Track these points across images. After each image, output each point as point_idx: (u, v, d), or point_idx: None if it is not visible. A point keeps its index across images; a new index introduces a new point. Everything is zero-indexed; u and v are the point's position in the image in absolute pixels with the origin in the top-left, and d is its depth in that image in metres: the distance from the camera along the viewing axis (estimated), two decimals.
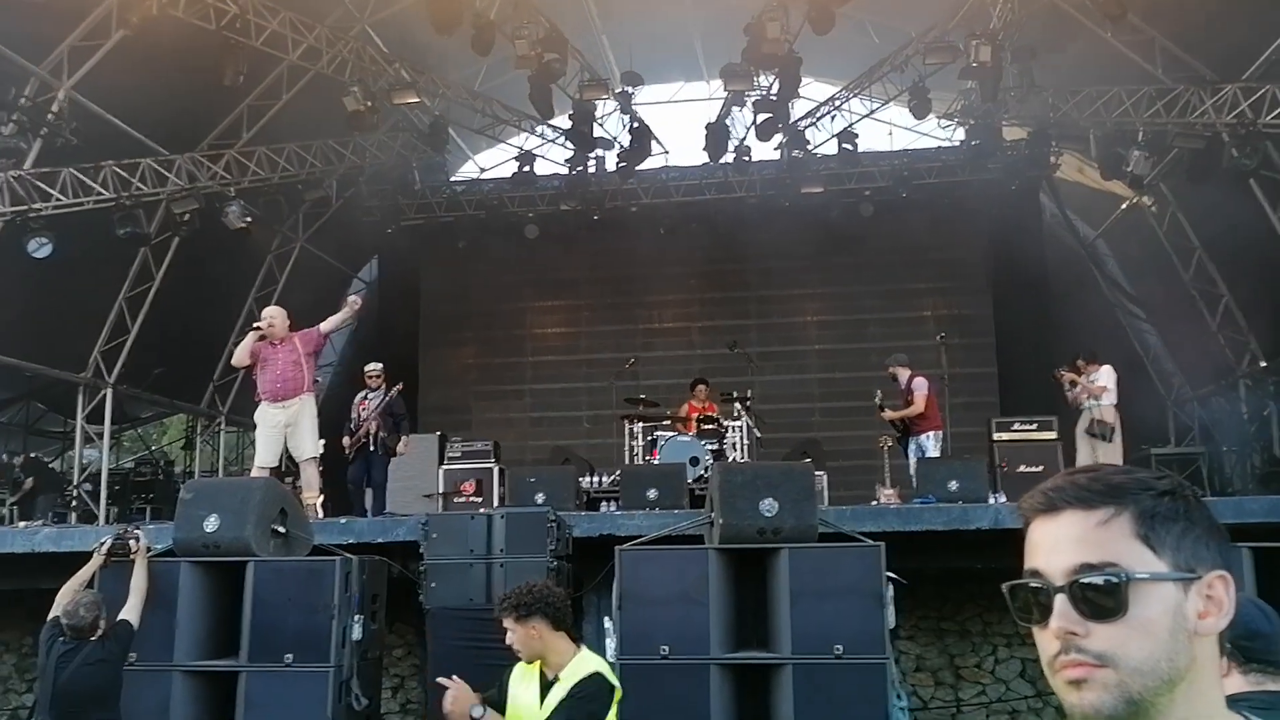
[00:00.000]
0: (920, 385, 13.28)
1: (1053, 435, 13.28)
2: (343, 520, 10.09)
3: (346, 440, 12.68)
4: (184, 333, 18.45)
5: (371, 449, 12.68)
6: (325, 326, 11.08)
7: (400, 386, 13.13)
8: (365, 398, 13.05)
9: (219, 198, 16.65)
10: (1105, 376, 13.11)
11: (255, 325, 10.81)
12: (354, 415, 12.93)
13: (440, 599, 7.70)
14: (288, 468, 12.19)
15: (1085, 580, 1.38)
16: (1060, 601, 1.39)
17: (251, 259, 19.80)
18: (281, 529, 7.46)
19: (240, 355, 10.81)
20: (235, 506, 7.26)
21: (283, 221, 19.50)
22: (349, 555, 7.31)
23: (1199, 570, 1.40)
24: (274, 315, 10.81)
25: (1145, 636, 1.36)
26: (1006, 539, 8.33)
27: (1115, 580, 1.37)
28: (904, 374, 13.56)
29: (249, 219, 16.83)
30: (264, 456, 10.67)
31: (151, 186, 15.88)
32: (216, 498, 7.38)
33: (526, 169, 19.89)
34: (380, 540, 9.17)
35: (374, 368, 13.24)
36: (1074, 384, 13.19)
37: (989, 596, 10.53)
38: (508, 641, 5.06)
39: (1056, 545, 1.42)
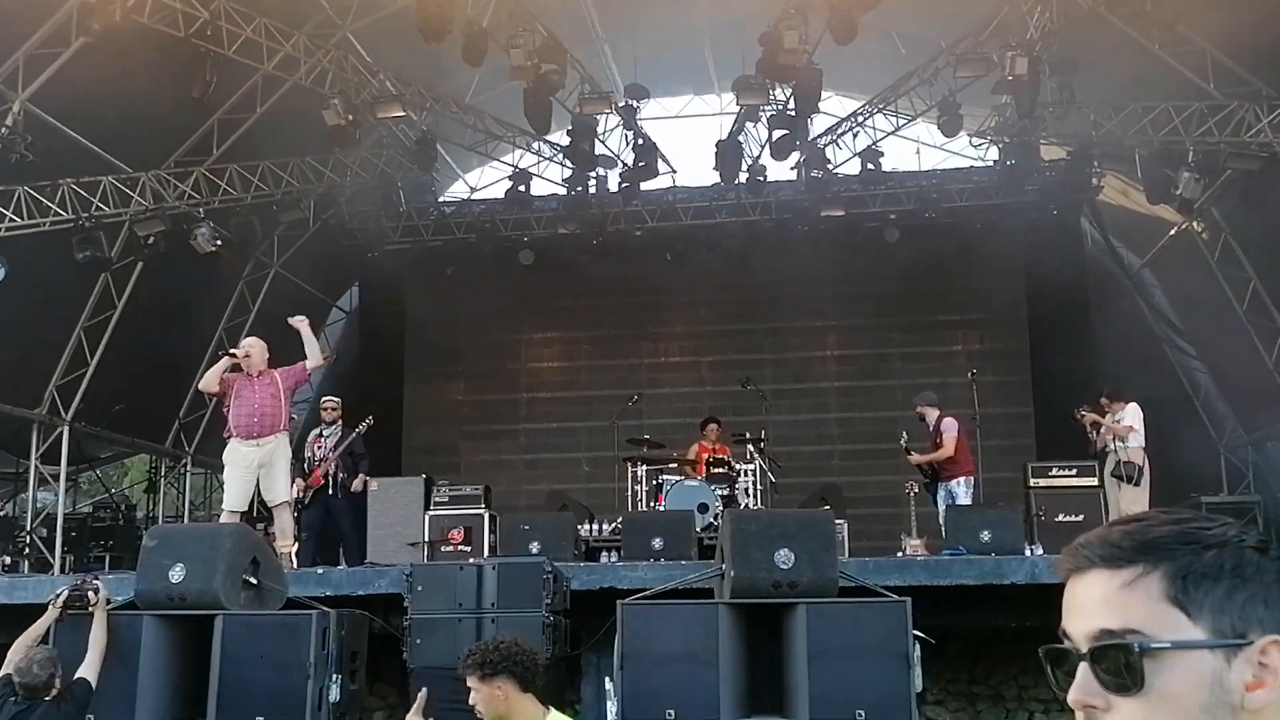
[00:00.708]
0: (949, 426, 13.30)
1: (1094, 481, 13.26)
2: (320, 570, 10.10)
3: (299, 483, 12.57)
4: (148, 366, 18.46)
5: (330, 493, 12.66)
6: (311, 363, 11.06)
7: (370, 422, 13.11)
8: (320, 434, 13.04)
9: (187, 219, 16.71)
10: (1131, 415, 13.07)
11: (230, 351, 10.82)
12: (308, 454, 12.90)
13: (426, 657, 7.70)
14: (259, 513, 12.18)
15: (1103, 648, 1.35)
16: (1082, 671, 1.36)
17: (222, 286, 19.82)
18: (253, 580, 7.48)
19: (209, 380, 10.79)
20: (203, 555, 7.29)
21: (256, 245, 19.56)
22: (326, 609, 7.33)
23: (1251, 635, 1.33)
24: (253, 346, 10.85)
25: (1172, 712, 1.31)
26: (1044, 595, 8.37)
27: (1131, 650, 1.32)
28: (932, 414, 13.59)
29: (219, 242, 16.88)
30: (234, 499, 10.66)
31: (114, 206, 15.96)
32: (182, 545, 7.40)
33: (521, 189, 19.98)
34: (360, 593, 9.18)
35: (330, 401, 13.24)
36: (1096, 425, 13.16)
37: (1024, 657, 10.51)
38: (471, 701, 5.06)
39: (1082, 608, 1.40)
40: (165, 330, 18.53)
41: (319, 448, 12.91)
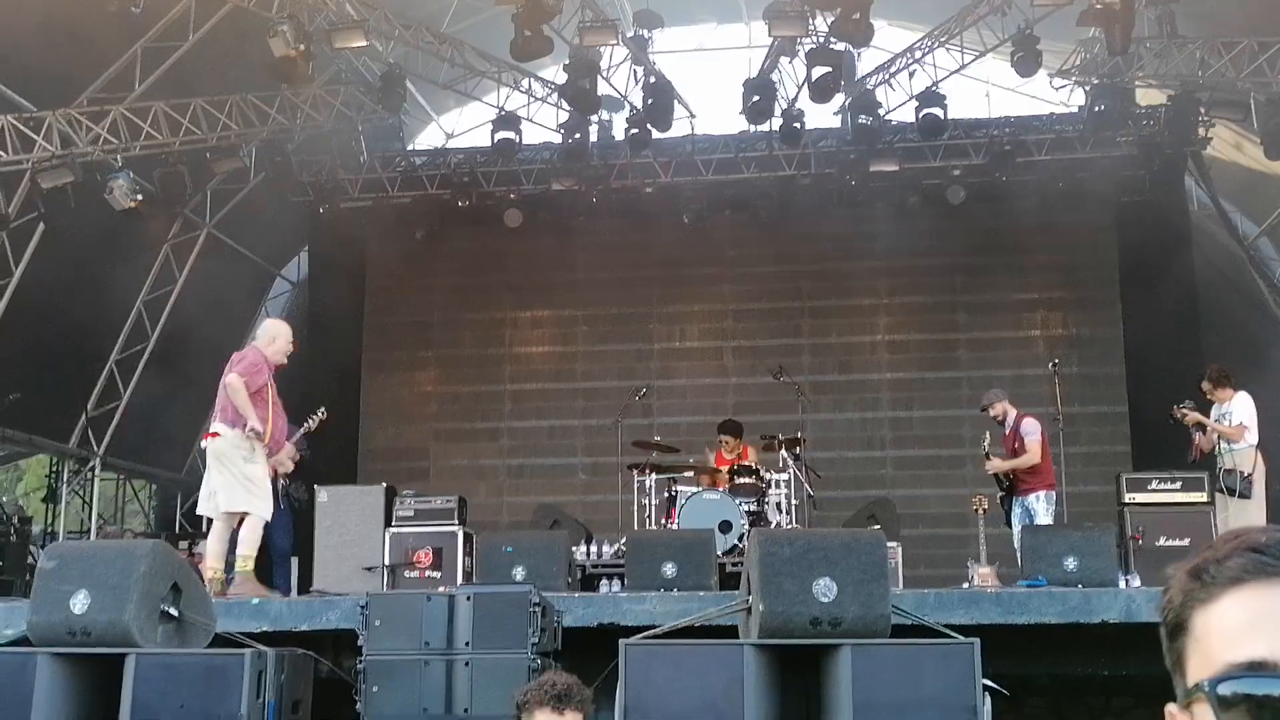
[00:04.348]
0: (1032, 429, 13.24)
1: (1203, 497, 13.16)
2: (254, 601, 10.01)
3: None
4: (50, 346, 18.41)
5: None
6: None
7: (322, 415, 13.08)
8: None
9: (101, 168, 16.67)
10: (1241, 408, 12.72)
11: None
12: None
13: (384, 708, 7.62)
14: (182, 530, 12.15)
15: None
16: None
17: (143, 250, 19.78)
18: (173, 611, 7.39)
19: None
20: (112, 580, 7.19)
21: (185, 201, 19.51)
22: (263, 648, 7.25)
23: None
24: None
25: None
26: (1140, 635, 8.25)
27: None
28: (1011, 412, 13.50)
29: (140, 196, 16.85)
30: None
31: (13, 152, 15.93)
32: (88, 568, 7.31)
33: (508, 136, 19.86)
34: (305, 628, 9.11)
35: None
36: (1202, 426, 12.84)
37: (1117, 712, 10.43)
38: None
39: None
40: (72, 303, 18.45)
41: None
